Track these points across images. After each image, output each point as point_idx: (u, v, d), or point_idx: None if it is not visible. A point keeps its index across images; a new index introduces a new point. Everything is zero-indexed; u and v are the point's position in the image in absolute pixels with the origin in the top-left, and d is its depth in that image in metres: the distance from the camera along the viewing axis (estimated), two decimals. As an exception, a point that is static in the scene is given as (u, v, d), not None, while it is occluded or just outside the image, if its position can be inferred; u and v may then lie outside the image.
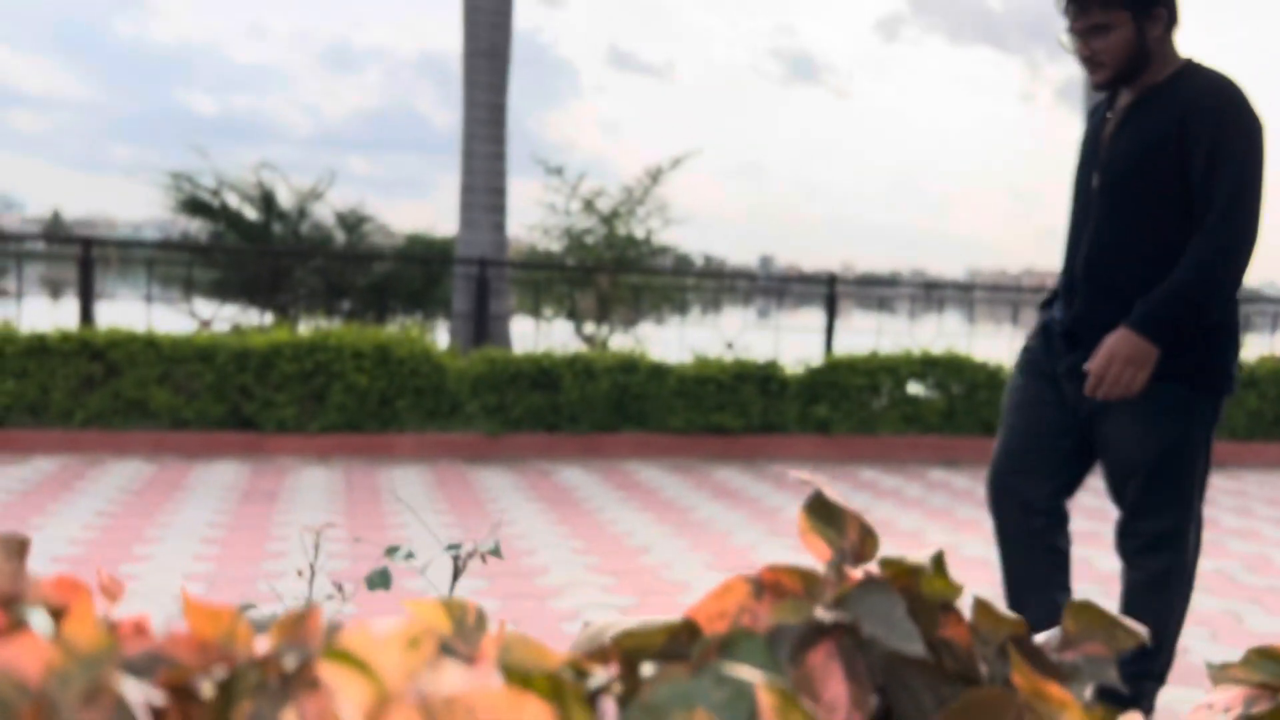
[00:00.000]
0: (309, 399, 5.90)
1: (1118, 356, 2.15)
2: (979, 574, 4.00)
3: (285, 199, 9.71)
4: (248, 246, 9.15)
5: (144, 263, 7.79)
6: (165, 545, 3.86)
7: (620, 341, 9.44)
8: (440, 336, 9.20)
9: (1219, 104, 2.15)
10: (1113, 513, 5.20)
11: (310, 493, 4.91)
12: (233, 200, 9.66)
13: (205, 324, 7.88)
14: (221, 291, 8.98)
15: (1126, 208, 2.23)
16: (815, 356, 7.68)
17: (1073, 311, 2.33)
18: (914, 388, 6.82)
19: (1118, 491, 2.31)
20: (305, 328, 8.98)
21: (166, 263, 8.38)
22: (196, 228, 10.43)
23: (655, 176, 10.40)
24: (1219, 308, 2.17)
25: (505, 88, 8.66)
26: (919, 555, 0.58)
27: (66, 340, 5.66)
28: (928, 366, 6.81)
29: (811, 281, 9.08)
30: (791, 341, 7.88)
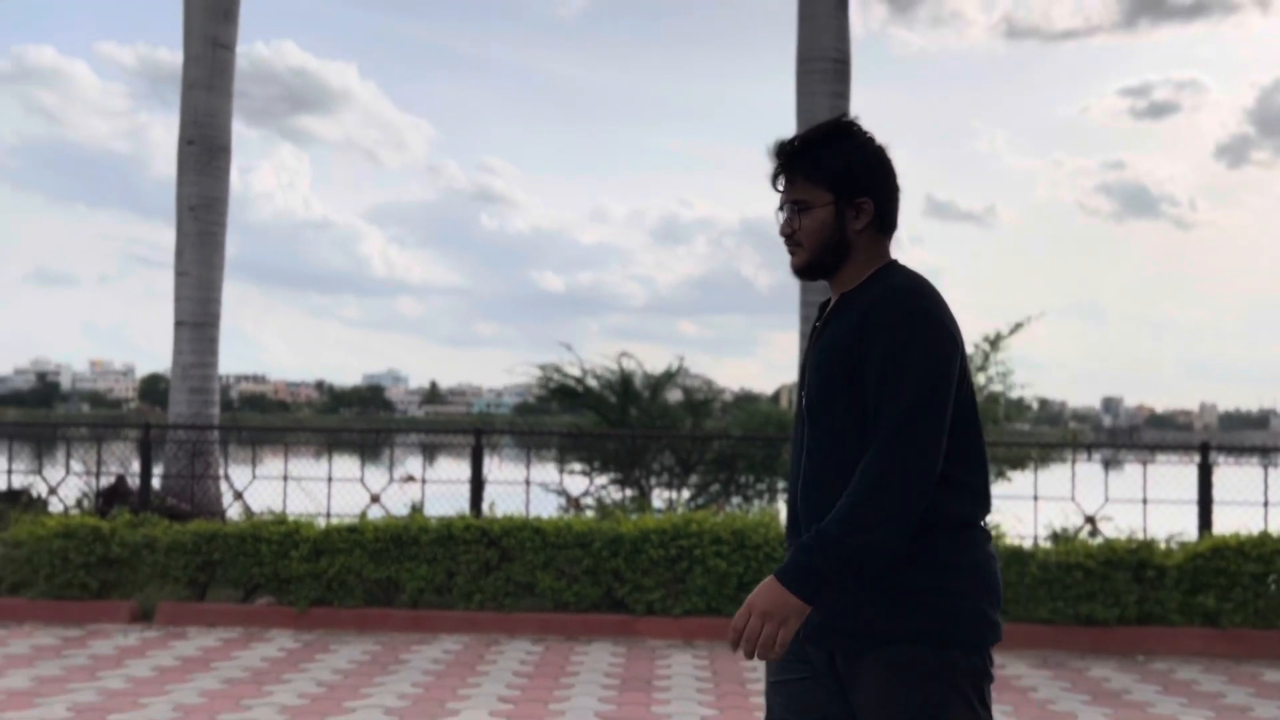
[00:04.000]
0: (673, 582, 6.28)
1: (755, 609, 1.80)
2: None
3: (640, 382, 10.56)
4: (611, 431, 9.98)
5: (522, 446, 8.71)
6: (563, 734, 4.25)
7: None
8: (781, 508, 9.44)
9: (893, 315, 1.85)
10: None
11: (682, 680, 5.19)
12: (594, 384, 10.63)
13: (574, 501, 8.63)
14: (588, 469, 9.81)
15: (823, 428, 1.93)
16: (1187, 528, 7.07)
17: (792, 541, 2.01)
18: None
19: None
20: (658, 500, 9.58)
21: (542, 446, 9.35)
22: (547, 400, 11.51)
23: (994, 342, 10.23)
24: (877, 553, 1.79)
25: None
26: None
27: (468, 529, 6.45)
28: (1335, 550, 6.07)
29: (1179, 447, 8.42)
30: (1157, 509, 7.31)
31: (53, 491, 8.40)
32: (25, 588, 6.44)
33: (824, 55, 9.02)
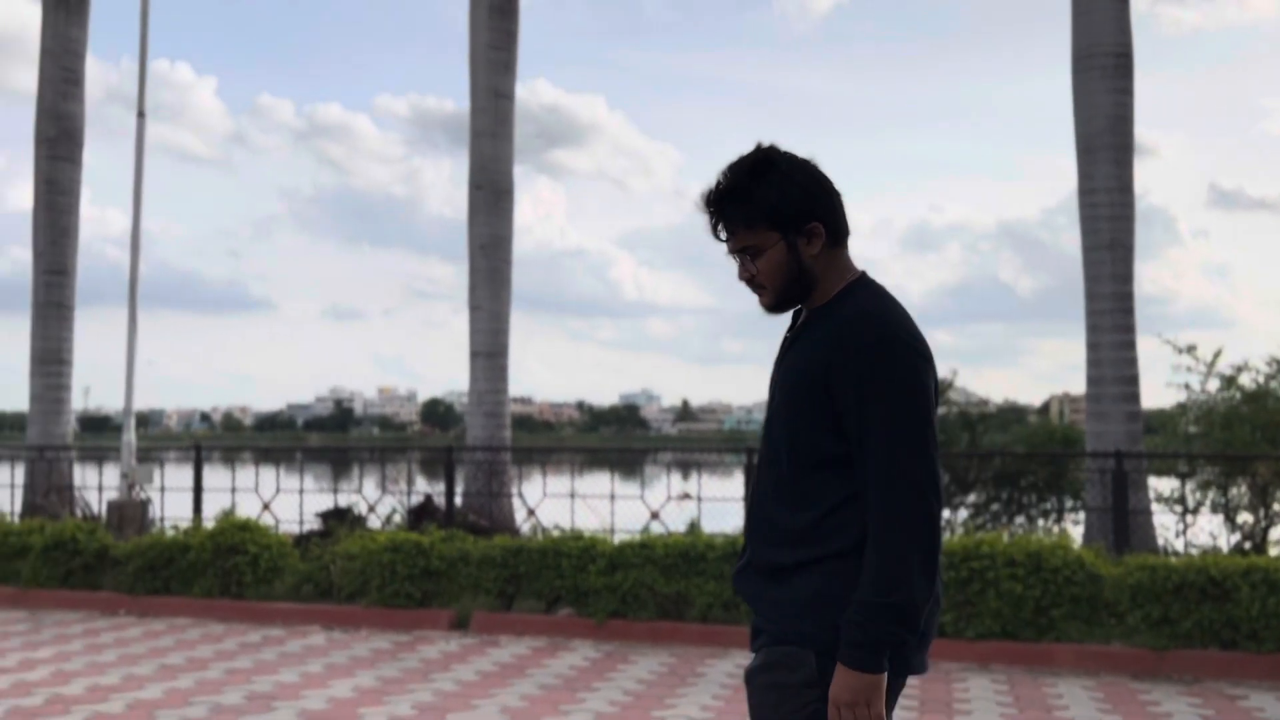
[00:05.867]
0: (964, 604, 6.15)
1: (840, 703, 1.79)
2: None
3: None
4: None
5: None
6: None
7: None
8: (1071, 530, 8.96)
9: (862, 341, 1.82)
10: None
11: (983, 704, 5.08)
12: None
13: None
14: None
15: (777, 445, 1.91)
16: None
17: (739, 562, 2.01)
18: None
19: None
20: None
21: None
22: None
23: (1314, 346, 9.24)
24: (921, 597, 1.77)
25: (1131, 277, 8.51)
26: None
27: (753, 547, 6.59)
28: None
29: None
30: None
31: (371, 509, 9.32)
32: (360, 596, 7.19)
33: (1103, 50, 8.58)
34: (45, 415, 11.09)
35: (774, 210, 1.90)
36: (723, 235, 1.96)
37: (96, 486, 10.08)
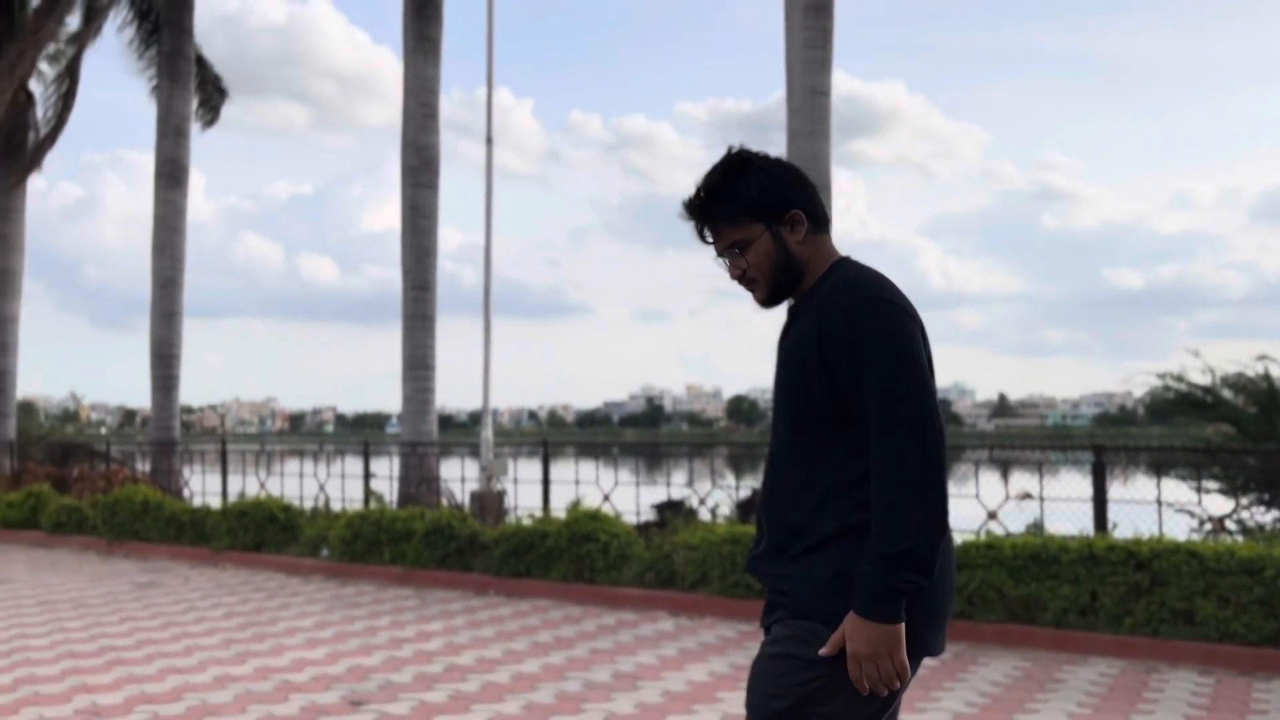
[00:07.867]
0: (1373, 621, 5.45)
1: (861, 657, 1.80)
2: None
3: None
4: (1253, 447, 8.92)
5: (1150, 465, 8.15)
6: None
7: None
8: None
9: (845, 307, 1.88)
10: None
11: (1407, 735, 4.50)
12: (1228, 392, 9.59)
13: (1218, 523, 7.87)
14: (1229, 490, 8.86)
15: (786, 427, 1.97)
16: None
17: (755, 549, 2.04)
18: None
19: None
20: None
21: (1173, 464, 8.67)
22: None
23: None
24: (932, 545, 1.78)
25: None
26: None
27: (1112, 550, 6.21)
28: None
29: None
30: None
31: (701, 501, 9.67)
32: (701, 585, 7.50)
33: None
34: (415, 415, 12.44)
35: (755, 202, 1.99)
36: (709, 238, 2.05)
37: (458, 479, 11.18)
